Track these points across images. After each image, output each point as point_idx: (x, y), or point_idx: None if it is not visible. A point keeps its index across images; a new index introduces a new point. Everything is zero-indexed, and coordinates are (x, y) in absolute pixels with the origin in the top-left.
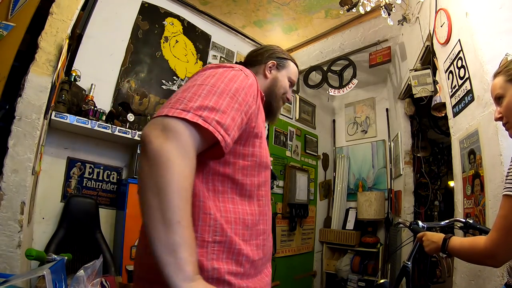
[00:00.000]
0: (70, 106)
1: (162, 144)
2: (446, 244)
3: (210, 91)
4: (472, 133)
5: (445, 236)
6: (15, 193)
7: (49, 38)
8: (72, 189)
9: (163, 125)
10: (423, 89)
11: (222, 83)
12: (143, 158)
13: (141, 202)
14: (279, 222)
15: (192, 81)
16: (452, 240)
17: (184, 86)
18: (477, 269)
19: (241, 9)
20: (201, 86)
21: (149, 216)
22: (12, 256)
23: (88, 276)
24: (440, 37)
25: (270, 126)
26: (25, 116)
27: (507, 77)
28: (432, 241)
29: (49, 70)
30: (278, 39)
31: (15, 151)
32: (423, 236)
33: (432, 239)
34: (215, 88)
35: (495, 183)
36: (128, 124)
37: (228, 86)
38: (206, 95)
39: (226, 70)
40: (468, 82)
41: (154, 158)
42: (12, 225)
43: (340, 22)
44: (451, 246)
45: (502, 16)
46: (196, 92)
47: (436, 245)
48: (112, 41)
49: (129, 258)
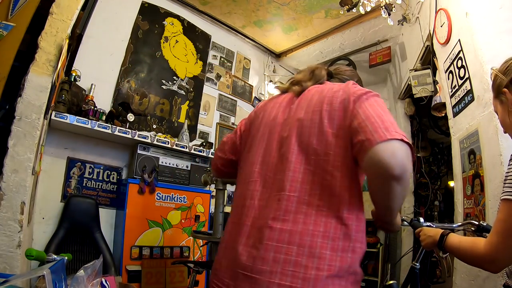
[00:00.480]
0: (70, 106)
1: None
2: (444, 240)
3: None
4: (472, 133)
5: (442, 231)
6: (15, 193)
7: (49, 38)
8: (72, 189)
9: (407, 153)
10: (423, 89)
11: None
12: (402, 178)
13: (395, 202)
14: None
15: (375, 107)
16: (450, 237)
17: (376, 111)
18: (477, 269)
19: (241, 9)
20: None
21: (396, 206)
22: (12, 256)
23: (88, 276)
24: (440, 37)
25: None
26: (25, 116)
27: (494, 93)
28: (429, 235)
29: (49, 70)
30: (278, 39)
31: (15, 151)
32: (421, 231)
33: (428, 233)
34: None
35: (495, 183)
36: (128, 124)
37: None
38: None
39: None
40: (468, 82)
41: (407, 182)
42: (12, 225)
43: (340, 22)
44: (449, 243)
45: (502, 16)
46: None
47: (433, 240)
48: (112, 41)
49: (129, 258)
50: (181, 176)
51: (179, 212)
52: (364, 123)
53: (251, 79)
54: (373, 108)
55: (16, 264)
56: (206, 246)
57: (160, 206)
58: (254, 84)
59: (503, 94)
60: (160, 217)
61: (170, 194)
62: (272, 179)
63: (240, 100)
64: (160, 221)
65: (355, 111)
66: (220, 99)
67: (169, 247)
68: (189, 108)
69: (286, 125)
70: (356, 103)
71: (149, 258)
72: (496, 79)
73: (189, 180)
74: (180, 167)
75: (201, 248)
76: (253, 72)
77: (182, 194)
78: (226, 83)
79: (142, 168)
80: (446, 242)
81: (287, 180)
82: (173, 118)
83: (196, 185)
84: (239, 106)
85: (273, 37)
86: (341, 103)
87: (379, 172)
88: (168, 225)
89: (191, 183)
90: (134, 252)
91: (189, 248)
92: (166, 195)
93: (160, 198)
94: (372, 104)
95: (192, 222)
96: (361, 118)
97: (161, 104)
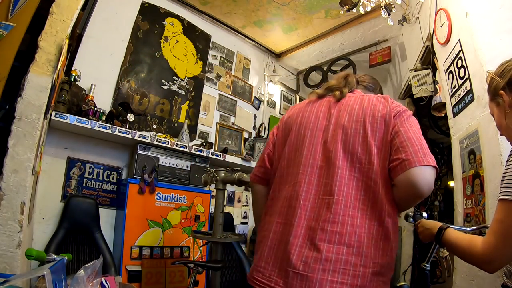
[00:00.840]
0: (70, 106)
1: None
2: (441, 234)
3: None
4: (472, 133)
5: (441, 225)
6: (15, 193)
7: (49, 38)
8: (72, 189)
9: (434, 177)
10: (423, 89)
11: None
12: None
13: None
14: None
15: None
16: (448, 231)
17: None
18: (477, 269)
19: (241, 9)
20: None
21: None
22: (12, 256)
23: (88, 276)
24: (440, 37)
25: (270, 126)
26: (25, 116)
27: (490, 96)
28: (427, 228)
29: (49, 70)
30: (278, 39)
31: (15, 151)
32: (419, 223)
33: (426, 225)
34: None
35: (495, 183)
36: (128, 124)
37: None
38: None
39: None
40: (468, 82)
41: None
42: (12, 225)
43: (340, 22)
44: (446, 238)
45: (502, 16)
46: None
47: (430, 233)
48: (112, 41)
49: (129, 258)
50: (181, 176)
51: (179, 212)
52: (405, 143)
53: (251, 79)
54: (413, 129)
55: (16, 264)
56: (206, 246)
57: (160, 206)
58: (254, 84)
59: (500, 96)
60: (160, 217)
61: (170, 194)
62: (318, 181)
63: (240, 100)
64: (160, 221)
65: (396, 128)
66: (220, 99)
67: (169, 247)
68: (189, 108)
69: (330, 131)
70: (397, 120)
71: (149, 258)
72: (492, 82)
73: (189, 180)
74: (180, 167)
75: (201, 248)
76: (253, 72)
77: (182, 194)
78: (226, 83)
79: (142, 168)
80: (444, 237)
81: (335, 185)
82: (173, 118)
83: (196, 185)
84: (239, 106)
85: (273, 37)
86: (382, 117)
87: (411, 191)
88: (168, 225)
89: (191, 183)
90: (134, 252)
91: (189, 248)
92: (166, 195)
93: (160, 198)
94: (412, 125)
95: (192, 222)
96: (403, 138)
97: (161, 104)
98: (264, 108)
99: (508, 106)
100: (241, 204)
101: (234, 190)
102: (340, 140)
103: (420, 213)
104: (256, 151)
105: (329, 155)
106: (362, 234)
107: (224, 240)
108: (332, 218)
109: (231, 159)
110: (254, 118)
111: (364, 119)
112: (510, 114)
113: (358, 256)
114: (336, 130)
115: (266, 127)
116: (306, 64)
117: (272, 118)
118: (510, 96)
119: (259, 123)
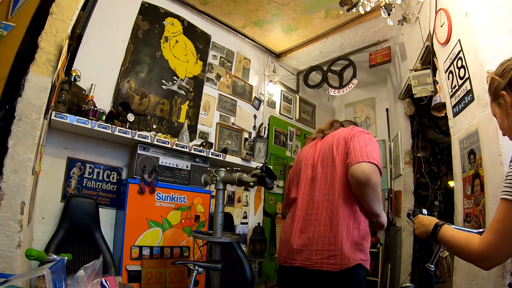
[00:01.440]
0: (70, 106)
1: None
2: (437, 231)
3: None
4: (472, 133)
5: (437, 221)
6: (15, 193)
7: (49, 38)
8: (72, 189)
9: (372, 169)
10: (423, 89)
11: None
12: (368, 185)
13: (371, 199)
14: (279, 222)
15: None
16: (444, 228)
17: (360, 144)
18: (477, 269)
19: (241, 9)
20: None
21: (374, 202)
22: (12, 256)
23: (88, 276)
24: (440, 37)
25: (270, 126)
26: (25, 116)
27: (492, 97)
28: (423, 224)
29: (49, 70)
30: (278, 39)
31: (15, 151)
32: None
33: (423, 222)
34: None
35: (495, 183)
36: (128, 124)
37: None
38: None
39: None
40: (468, 82)
41: (374, 186)
42: (12, 225)
43: (340, 22)
44: (442, 235)
45: (502, 16)
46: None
47: (426, 229)
48: (112, 41)
49: (129, 258)
50: (181, 176)
51: (179, 212)
52: (351, 152)
53: (251, 79)
54: (359, 143)
55: (16, 264)
56: (206, 246)
57: (160, 206)
58: (254, 84)
59: (501, 96)
60: (160, 217)
61: (170, 194)
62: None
63: (240, 100)
64: (160, 221)
65: (349, 143)
66: (220, 99)
67: (169, 247)
68: (189, 108)
69: (315, 158)
70: (351, 139)
71: (149, 258)
72: (493, 82)
73: (189, 180)
74: (180, 167)
75: (201, 248)
76: (253, 72)
77: (182, 194)
78: (226, 83)
79: (142, 168)
80: (440, 233)
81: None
82: (173, 118)
83: (196, 185)
84: (239, 106)
85: (273, 37)
86: (343, 139)
87: (353, 181)
88: (168, 225)
89: (191, 183)
90: (134, 252)
91: (189, 248)
92: (166, 195)
93: (160, 198)
94: (360, 140)
95: (192, 222)
96: (351, 149)
97: (161, 104)
98: (264, 108)
99: (510, 107)
100: (241, 204)
101: (234, 190)
102: (320, 161)
103: (419, 210)
104: (256, 151)
105: (314, 174)
106: (332, 216)
107: (224, 240)
108: (315, 212)
109: (231, 159)
110: (254, 118)
111: (333, 143)
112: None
113: (330, 231)
114: (318, 156)
115: (266, 127)
116: (306, 64)
117: (272, 118)
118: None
119: (259, 123)
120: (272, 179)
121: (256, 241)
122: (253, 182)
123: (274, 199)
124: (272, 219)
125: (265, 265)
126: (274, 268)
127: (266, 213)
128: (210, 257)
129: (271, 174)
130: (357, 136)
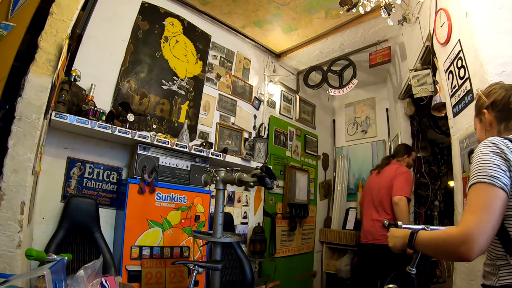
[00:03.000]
0: (70, 106)
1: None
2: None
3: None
4: (472, 133)
5: (412, 230)
6: (15, 193)
7: (49, 38)
8: (72, 189)
9: (401, 199)
10: (423, 89)
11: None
12: (397, 206)
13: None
14: (279, 222)
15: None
16: (420, 233)
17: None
18: (477, 269)
19: (241, 9)
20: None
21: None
22: (12, 256)
23: (88, 276)
24: (440, 37)
25: (270, 126)
26: (25, 116)
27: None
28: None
29: (49, 70)
30: (278, 39)
31: (15, 151)
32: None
33: (396, 234)
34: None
35: None
36: (128, 124)
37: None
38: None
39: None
40: (468, 82)
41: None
42: (12, 225)
43: (340, 22)
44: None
45: (502, 16)
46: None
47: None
48: (112, 41)
49: (129, 258)
50: (181, 176)
51: (179, 212)
52: (394, 187)
53: (251, 79)
54: (399, 180)
55: (16, 264)
56: (206, 246)
57: (160, 206)
58: (254, 84)
59: (483, 114)
60: (160, 217)
61: (170, 194)
62: (370, 209)
63: (240, 100)
64: (160, 221)
65: (393, 180)
66: (220, 99)
67: (169, 247)
68: (189, 108)
69: (375, 189)
70: (396, 177)
71: (149, 258)
72: (479, 100)
73: (189, 180)
74: (180, 167)
75: (201, 248)
76: (253, 72)
77: (182, 194)
78: (226, 83)
79: (142, 168)
80: (417, 240)
81: (374, 209)
82: (173, 118)
83: (196, 185)
84: (239, 106)
85: (273, 37)
86: (391, 177)
87: (394, 207)
88: (168, 225)
89: (191, 183)
90: (134, 252)
91: (189, 248)
92: (166, 195)
93: (160, 198)
94: (401, 178)
95: (192, 222)
96: (394, 185)
97: (161, 104)
98: (264, 108)
99: (488, 124)
100: (241, 204)
101: (234, 190)
102: (377, 192)
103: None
104: (256, 151)
105: (373, 199)
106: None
107: (224, 240)
108: (376, 217)
109: (231, 159)
110: (254, 118)
111: (388, 179)
112: (490, 131)
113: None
114: (376, 188)
115: (266, 127)
116: (306, 64)
117: (272, 118)
118: (491, 115)
119: (259, 123)
120: (272, 179)
121: (256, 241)
122: (253, 182)
123: (274, 199)
124: (272, 219)
125: (265, 265)
126: (274, 268)
127: (266, 213)
128: (210, 257)
129: (271, 174)
130: (399, 177)
